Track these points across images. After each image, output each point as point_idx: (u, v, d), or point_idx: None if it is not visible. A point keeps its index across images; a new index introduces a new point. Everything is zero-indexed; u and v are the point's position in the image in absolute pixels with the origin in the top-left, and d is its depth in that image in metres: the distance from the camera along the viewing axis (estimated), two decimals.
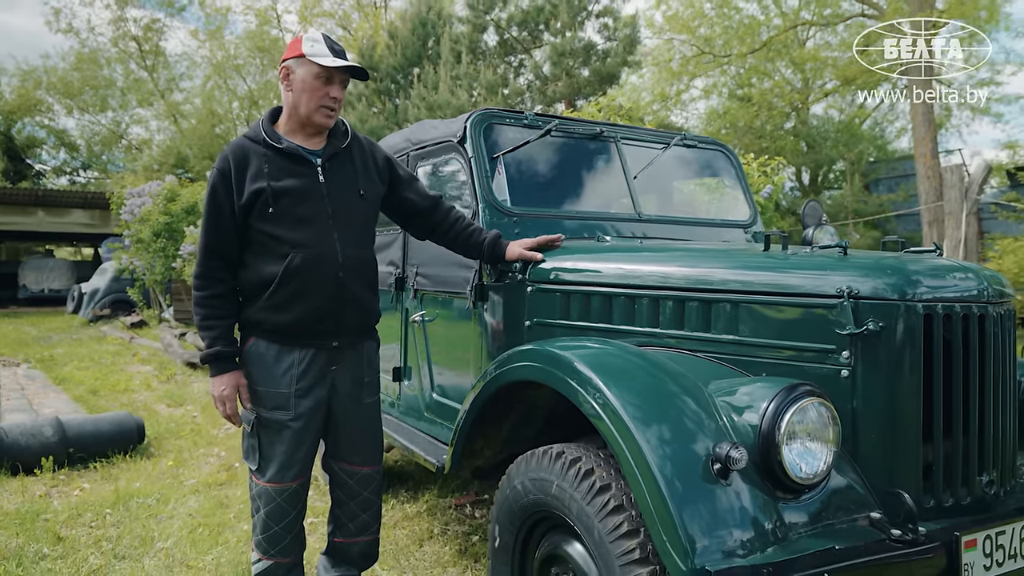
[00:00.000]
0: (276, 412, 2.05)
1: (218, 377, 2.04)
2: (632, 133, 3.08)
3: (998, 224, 11.64)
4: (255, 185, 2.00)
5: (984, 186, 10.62)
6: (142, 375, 7.73)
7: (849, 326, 1.67)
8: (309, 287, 2.03)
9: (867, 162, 16.72)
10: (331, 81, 2.04)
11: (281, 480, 2.08)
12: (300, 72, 2.03)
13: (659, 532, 1.45)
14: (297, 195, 2.02)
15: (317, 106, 2.04)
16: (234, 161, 2.02)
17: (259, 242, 2.04)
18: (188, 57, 28.61)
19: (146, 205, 11.84)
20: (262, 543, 2.13)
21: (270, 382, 2.06)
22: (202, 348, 2.14)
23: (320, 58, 2.01)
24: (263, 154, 2.04)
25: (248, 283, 2.07)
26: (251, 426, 2.07)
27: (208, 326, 2.03)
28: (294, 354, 2.06)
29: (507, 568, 2.06)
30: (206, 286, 2.04)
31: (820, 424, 1.56)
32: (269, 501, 2.09)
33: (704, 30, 16.17)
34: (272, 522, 2.11)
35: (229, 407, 2.05)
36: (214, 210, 2.03)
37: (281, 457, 2.07)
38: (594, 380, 1.69)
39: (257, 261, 2.05)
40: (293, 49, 2.05)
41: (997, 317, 1.75)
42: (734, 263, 2.01)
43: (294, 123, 2.09)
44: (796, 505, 1.55)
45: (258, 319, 2.06)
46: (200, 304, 2.05)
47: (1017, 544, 1.62)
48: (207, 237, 2.03)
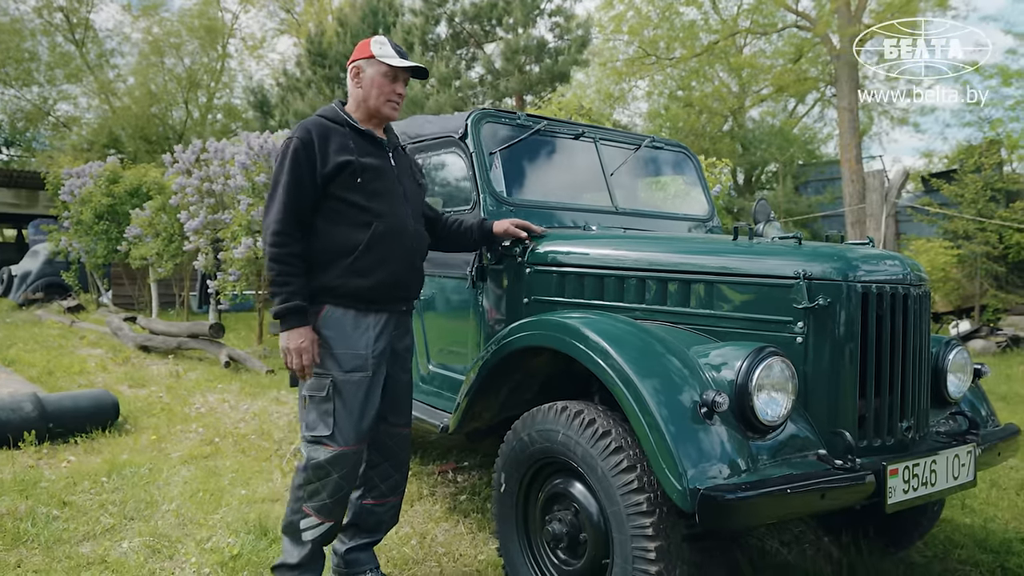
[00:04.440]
0: (355, 373, 2.20)
1: (295, 330, 2.13)
2: (608, 135, 3.44)
3: (913, 226, 12.63)
4: (341, 157, 2.18)
5: (902, 191, 11.53)
6: (95, 357, 7.65)
7: (804, 302, 2.06)
8: (388, 255, 2.23)
9: (797, 165, 17.72)
10: (397, 79, 2.31)
11: (356, 442, 2.22)
12: (370, 71, 2.30)
13: (659, 462, 1.81)
14: (377, 171, 2.25)
15: (385, 100, 2.31)
16: (317, 133, 2.20)
17: (339, 211, 2.20)
18: (120, 32, 27.55)
19: (87, 186, 11.54)
20: (329, 506, 2.22)
21: (349, 344, 2.20)
22: (275, 305, 2.15)
23: (388, 59, 2.28)
24: (346, 133, 2.25)
25: (326, 250, 2.20)
26: (326, 391, 2.18)
27: (285, 281, 2.12)
28: (369, 318, 2.24)
29: (511, 509, 2.38)
30: (285, 243, 2.14)
31: (782, 378, 1.95)
32: (345, 464, 2.21)
33: (648, 32, 16.78)
34: (346, 484, 2.24)
35: (307, 357, 2.14)
36: (295, 174, 2.16)
37: (357, 418, 2.21)
38: (600, 343, 2.04)
39: (336, 228, 2.20)
40: (362, 51, 2.31)
41: (917, 297, 2.18)
42: (710, 250, 2.39)
43: (362, 114, 2.33)
44: (762, 443, 1.94)
45: (335, 284, 2.19)
46: (278, 260, 2.13)
47: (928, 474, 2.06)
48: (287, 198, 2.15)
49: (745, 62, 17.08)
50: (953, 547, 2.92)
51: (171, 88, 24.31)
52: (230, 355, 7.04)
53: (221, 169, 8.26)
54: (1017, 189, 11.78)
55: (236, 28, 26.22)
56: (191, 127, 24.34)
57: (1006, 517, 3.24)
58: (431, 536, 2.97)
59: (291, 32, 27.08)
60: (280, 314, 2.14)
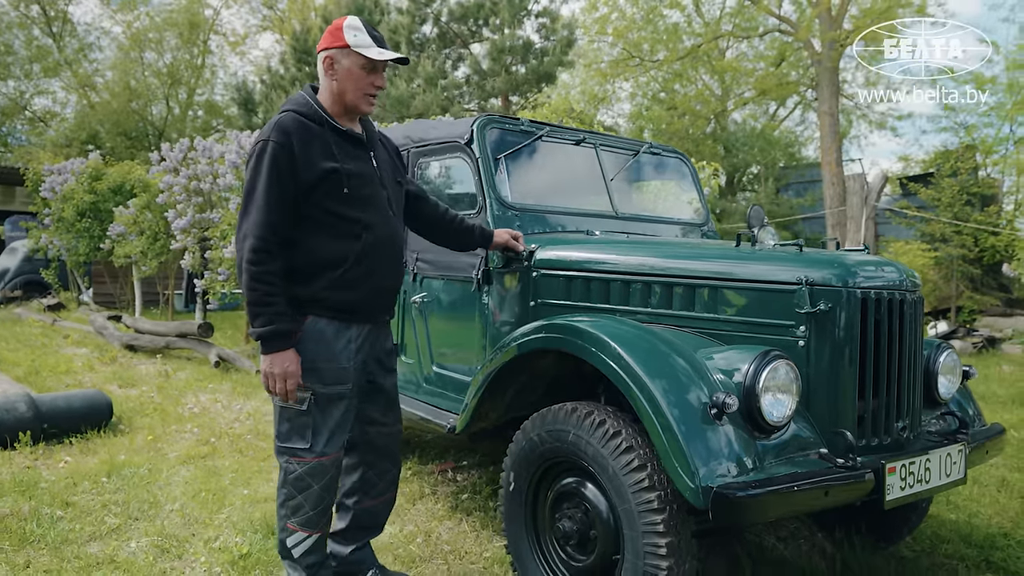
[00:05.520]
0: (336, 386, 2.11)
1: (279, 353, 2.01)
2: (607, 140, 3.51)
3: (891, 229, 12.90)
4: (326, 164, 2.02)
5: (881, 194, 11.78)
6: (81, 357, 7.58)
7: (806, 306, 2.14)
8: (377, 266, 2.15)
9: (779, 168, 17.98)
10: (376, 71, 2.14)
11: (334, 450, 2.16)
12: (345, 63, 2.10)
13: (672, 461, 1.88)
14: (362, 177, 2.11)
15: (363, 95, 2.14)
16: (296, 136, 2.01)
17: (322, 221, 2.06)
18: (98, 27, 27.15)
19: (69, 183, 11.40)
20: (313, 519, 2.17)
21: (331, 358, 2.10)
22: (254, 327, 2.01)
23: (365, 50, 2.10)
24: (327, 135, 2.08)
25: (310, 262, 2.07)
26: (306, 404, 2.09)
27: (267, 302, 1.99)
28: (352, 329, 2.15)
29: (520, 507, 2.44)
30: (263, 260, 1.98)
31: (787, 380, 2.03)
32: (323, 474, 2.14)
33: (632, 35, 16.92)
34: (327, 494, 2.18)
35: (292, 382, 2.03)
36: (276, 185, 1.99)
37: (335, 428, 2.14)
38: (613, 347, 2.11)
39: (321, 240, 2.07)
40: (334, 38, 2.11)
41: (912, 302, 2.27)
42: (715, 256, 2.47)
43: (339, 108, 2.15)
44: (768, 442, 2.02)
45: (320, 297, 2.08)
46: (258, 279, 1.98)
47: (922, 472, 2.15)
48: (265, 210, 1.97)
49: (728, 66, 17.30)
50: (940, 542, 3.03)
51: (151, 83, 24.00)
52: (220, 355, 7.02)
53: (209, 168, 8.22)
54: (992, 193, 12.10)
55: (217, 24, 25.97)
56: (172, 123, 24.06)
57: (988, 513, 3.37)
58: (436, 534, 3.02)
59: (274, 29, 26.87)
60: (262, 337, 2.00)
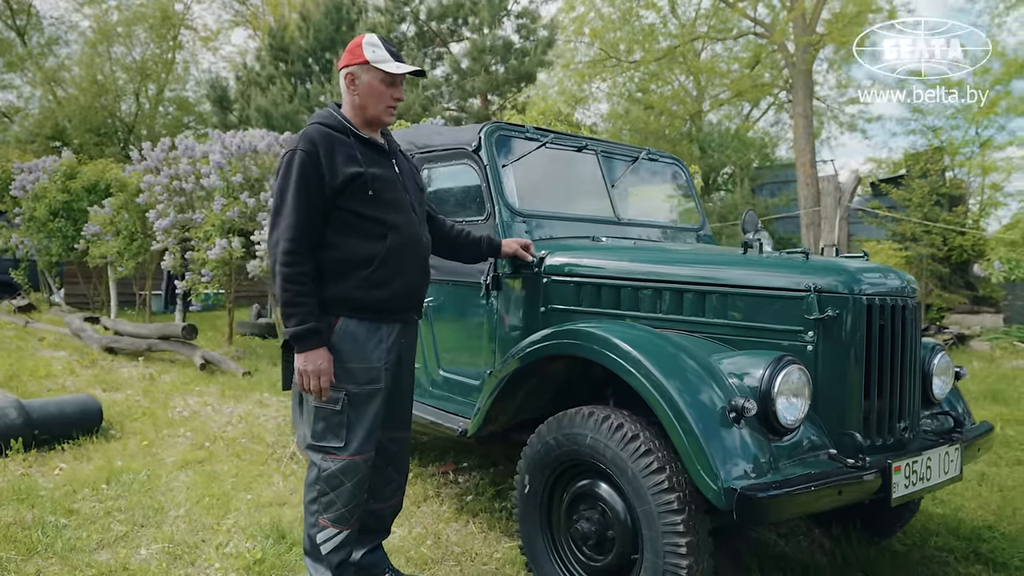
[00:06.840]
0: (369, 386, 2.22)
1: (313, 352, 2.11)
2: (608, 147, 3.58)
3: (863, 228, 13.21)
4: (351, 169, 2.15)
5: (854, 195, 12.06)
6: (60, 360, 7.45)
7: (814, 313, 2.23)
8: (405, 265, 2.25)
9: (753, 168, 18.28)
10: (394, 84, 2.28)
11: (368, 450, 2.25)
12: (365, 78, 2.24)
13: (694, 464, 1.95)
14: (386, 182, 2.23)
15: (384, 108, 2.28)
16: (322, 144, 2.15)
17: (350, 223, 2.18)
18: (66, 20, 26.48)
19: (40, 181, 11.14)
20: (345, 515, 2.25)
21: (363, 358, 2.21)
22: (286, 328, 2.12)
23: (384, 64, 2.23)
24: (351, 143, 2.21)
25: (340, 261, 2.18)
26: (340, 404, 2.19)
27: (300, 302, 2.10)
28: (383, 329, 2.25)
29: (535, 509, 2.50)
30: (296, 261, 2.10)
31: (800, 384, 2.12)
32: (356, 472, 2.24)
33: (609, 36, 17.07)
34: (359, 491, 2.26)
35: (325, 380, 2.13)
36: (304, 189, 2.11)
37: (368, 427, 2.24)
38: (631, 352, 2.17)
39: (349, 241, 2.18)
40: (354, 56, 2.25)
41: (912, 308, 2.38)
42: (724, 263, 2.55)
43: (361, 120, 2.29)
44: (781, 444, 2.10)
45: (350, 297, 2.18)
46: (291, 280, 2.09)
47: (924, 470, 2.26)
48: (298, 215, 2.10)
49: (703, 67, 17.54)
50: (929, 535, 3.16)
51: (120, 79, 23.52)
52: (205, 357, 6.95)
53: (191, 168, 8.12)
54: (959, 194, 12.46)
55: (188, 18, 25.51)
56: (141, 119, 23.62)
57: (973, 507, 3.51)
58: (444, 536, 3.06)
59: (247, 24, 26.51)
60: (297, 336, 2.11)
